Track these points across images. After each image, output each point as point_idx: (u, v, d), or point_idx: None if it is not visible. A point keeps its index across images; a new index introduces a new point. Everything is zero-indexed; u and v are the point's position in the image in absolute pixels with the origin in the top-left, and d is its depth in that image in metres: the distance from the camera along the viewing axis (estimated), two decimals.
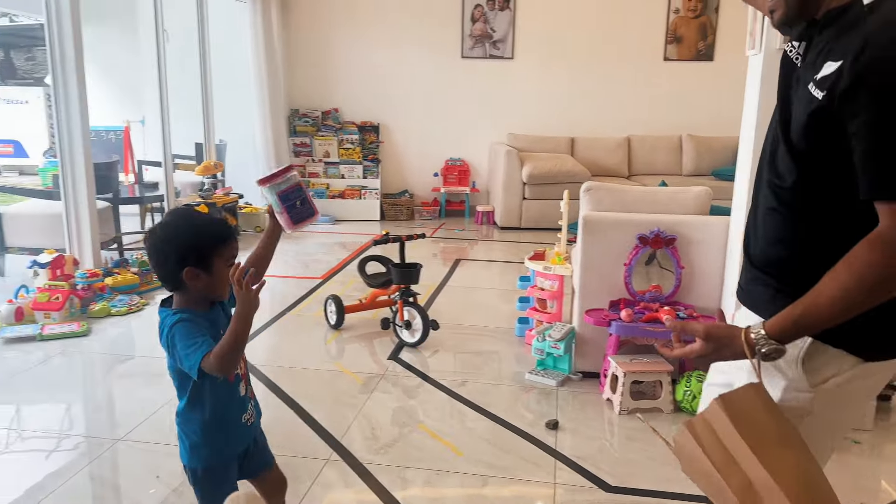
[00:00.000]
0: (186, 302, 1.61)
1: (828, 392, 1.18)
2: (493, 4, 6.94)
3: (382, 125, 7.28)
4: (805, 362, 1.17)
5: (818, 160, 1.14)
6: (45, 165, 6.03)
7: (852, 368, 1.17)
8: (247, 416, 1.72)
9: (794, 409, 1.19)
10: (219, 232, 1.60)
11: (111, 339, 3.67)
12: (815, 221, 1.17)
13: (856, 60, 1.02)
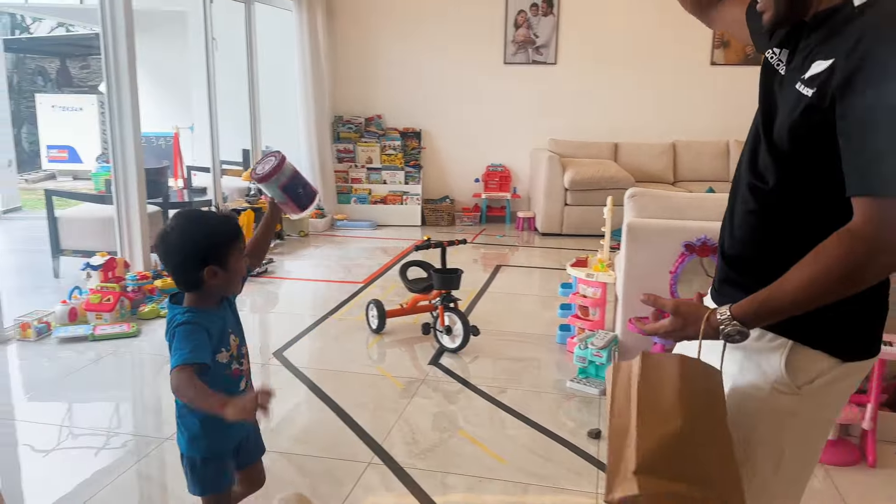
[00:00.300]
0: (197, 300, 1.64)
1: (814, 392, 1.20)
2: (537, 10, 6.92)
3: (424, 131, 7.32)
4: (788, 364, 1.19)
5: (799, 161, 1.15)
6: (97, 170, 6.24)
7: (833, 370, 1.19)
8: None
9: (779, 410, 1.21)
10: (231, 229, 1.65)
11: (160, 340, 3.76)
12: (792, 223, 1.19)
13: (848, 59, 1.04)
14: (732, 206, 1.31)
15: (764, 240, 1.23)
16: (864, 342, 1.21)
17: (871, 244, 1.04)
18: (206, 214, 1.69)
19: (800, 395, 1.20)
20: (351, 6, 7.15)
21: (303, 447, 2.64)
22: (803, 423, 1.23)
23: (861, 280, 1.08)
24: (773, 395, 1.21)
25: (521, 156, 7.25)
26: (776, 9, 1.15)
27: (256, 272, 5.00)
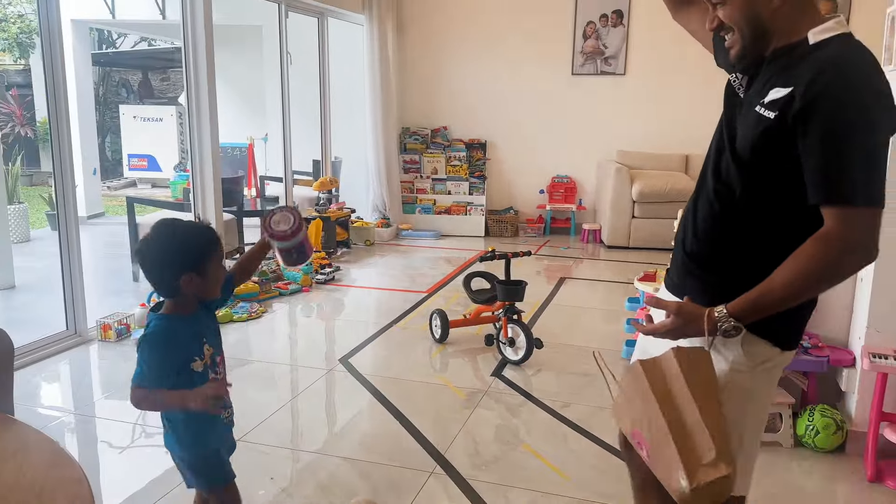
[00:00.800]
0: (176, 306, 1.67)
1: (762, 374, 1.40)
2: (606, 21, 6.86)
3: (490, 142, 7.34)
4: (743, 346, 1.35)
5: (760, 171, 1.33)
6: (175, 179, 6.52)
7: (775, 357, 1.38)
8: (226, 414, 1.79)
9: (740, 389, 1.38)
10: (209, 237, 1.67)
11: (231, 344, 3.88)
12: (752, 226, 1.36)
13: (808, 88, 1.21)
14: (695, 206, 1.48)
15: (726, 240, 1.40)
16: (796, 334, 1.42)
17: (843, 246, 1.22)
18: (184, 223, 1.70)
19: (753, 374, 1.38)
20: (420, 19, 7.25)
21: (366, 453, 2.68)
22: (756, 403, 1.43)
23: (838, 277, 1.27)
24: (732, 374, 1.37)
25: (587, 167, 7.18)
26: (742, 46, 1.34)
27: (324, 280, 5.11)
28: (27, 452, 1.12)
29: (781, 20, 1.31)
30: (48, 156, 10.68)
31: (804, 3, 1.31)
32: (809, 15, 1.31)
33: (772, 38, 1.33)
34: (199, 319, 1.70)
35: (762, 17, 1.31)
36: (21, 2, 10.62)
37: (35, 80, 11.02)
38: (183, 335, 1.65)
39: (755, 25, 1.32)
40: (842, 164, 1.21)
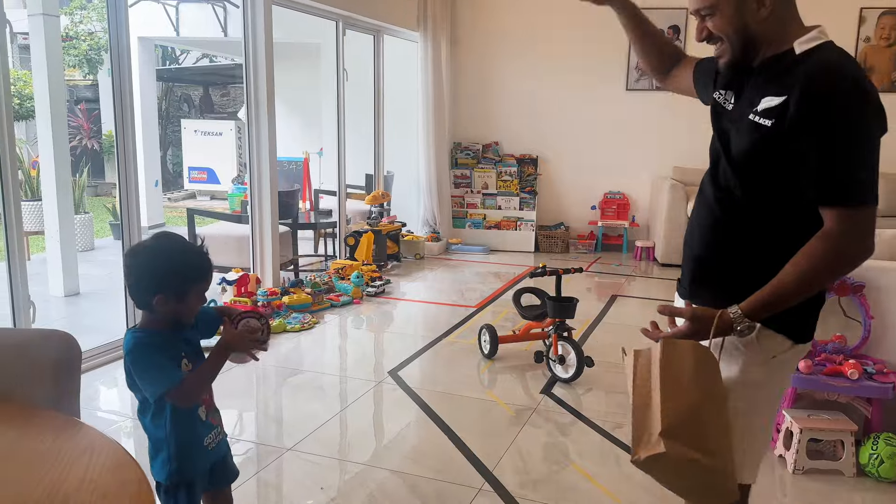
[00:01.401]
0: (150, 322, 1.62)
1: (775, 366, 1.46)
2: None
3: (541, 158, 7.32)
4: (758, 342, 1.42)
5: (759, 174, 1.41)
6: (232, 191, 6.68)
7: (789, 350, 1.45)
8: (208, 441, 1.70)
9: (751, 381, 1.46)
10: (199, 267, 1.61)
11: (284, 354, 3.95)
12: (755, 229, 1.43)
13: (802, 95, 1.29)
14: (699, 216, 1.57)
15: (730, 244, 1.48)
16: (810, 328, 1.48)
17: (845, 243, 1.31)
18: (181, 244, 1.64)
19: (767, 367, 1.45)
20: (473, 36, 7.31)
21: (414, 467, 2.68)
22: (768, 394, 1.50)
23: (841, 271, 1.37)
24: (745, 368, 1.44)
25: (640, 183, 7.08)
26: (732, 55, 1.42)
27: (374, 292, 5.16)
28: (93, 454, 1.16)
29: (768, 31, 1.38)
30: (113, 167, 11.11)
31: (789, 15, 1.39)
32: (794, 26, 1.38)
33: (760, 47, 1.40)
34: (180, 337, 1.66)
35: (750, 28, 1.38)
36: (91, 20, 11.10)
37: (102, 95, 11.50)
38: (164, 345, 1.60)
39: (743, 35, 1.39)
40: (838, 168, 1.29)
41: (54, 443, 1.21)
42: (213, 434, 1.72)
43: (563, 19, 7.00)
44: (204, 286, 1.63)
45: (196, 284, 1.61)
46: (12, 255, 3.25)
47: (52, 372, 1.39)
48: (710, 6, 1.40)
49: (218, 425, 1.74)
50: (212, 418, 1.72)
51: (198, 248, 1.66)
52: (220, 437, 1.75)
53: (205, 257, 1.65)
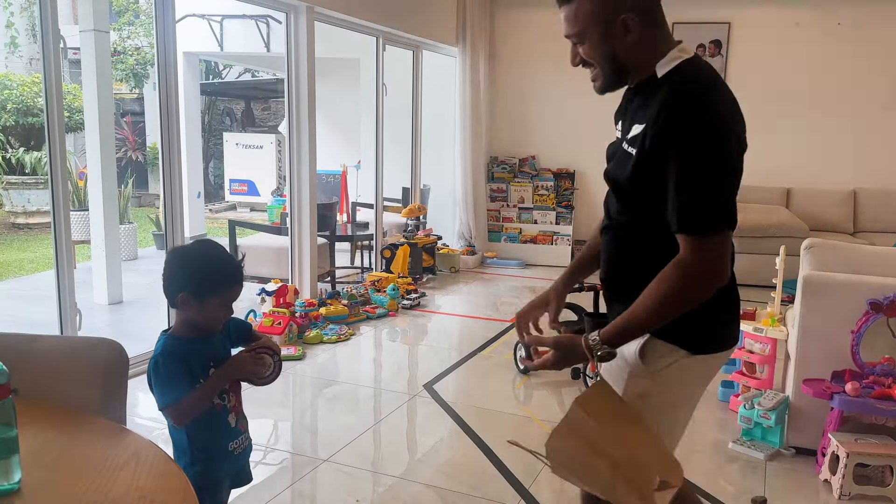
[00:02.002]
0: (181, 326, 1.66)
1: (665, 376, 1.45)
2: (704, 51, 6.71)
3: (578, 172, 7.27)
4: (642, 352, 1.44)
5: (639, 200, 1.44)
6: (272, 203, 6.78)
7: (684, 359, 1.44)
8: (234, 445, 1.72)
9: (636, 392, 1.47)
10: (225, 275, 1.63)
11: (321, 365, 3.98)
12: (642, 249, 1.46)
13: (654, 124, 1.32)
14: (603, 241, 1.61)
15: (626, 265, 1.52)
16: (712, 338, 1.49)
17: (696, 272, 1.33)
18: (217, 252, 1.67)
19: (652, 379, 1.45)
20: (511, 50, 7.32)
21: (448, 481, 2.67)
22: (659, 404, 1.48)
23: (694, 299, 1.36)
24: (631, 379, 1.47)
25: None
26: (603, 80, 1.47)
27: (410, 305, 5.17)
28: (139, 461, 1.18)
29: (637, 56, 1.40)
30: (156, 179, 11.39)
31: (658, 39, 1.39)
32: (664, 48, 1.39)
33: (630, 72, 1.44)
34: (208, 344, 1.68)
35: (617, 55, 1.40)
36: (138, 35, 11.43)
37: (147, 108, 11.82)
38: (187, 356, 1.63)
39: (612, 61, 1.42)
40: (688, 197, 1.31)
41: (103, 449, 1.23)
42: (240, 440, 1.74)
43: None
44: (227, 296, 1.64)
45: (218, 292, 1.62)
46: (61, 263, 3.34)
47: (101, 379, 1.42)
48: (579, 33, 1.42)
49: (245, 431, 1.77)
50: (240, 424, 1.75)
51: (232, 259, 1.69)
52: (246, 442, 1.77)
53: (235, 269, 1.66)
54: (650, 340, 1.44)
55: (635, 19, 1.37)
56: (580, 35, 1.43)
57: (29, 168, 8.60)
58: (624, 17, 1.36)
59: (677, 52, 1.39)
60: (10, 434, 1.09)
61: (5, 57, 10.53)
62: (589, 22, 1.40)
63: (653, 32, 1.40)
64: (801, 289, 2.85)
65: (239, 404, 1.75)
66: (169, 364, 1.59)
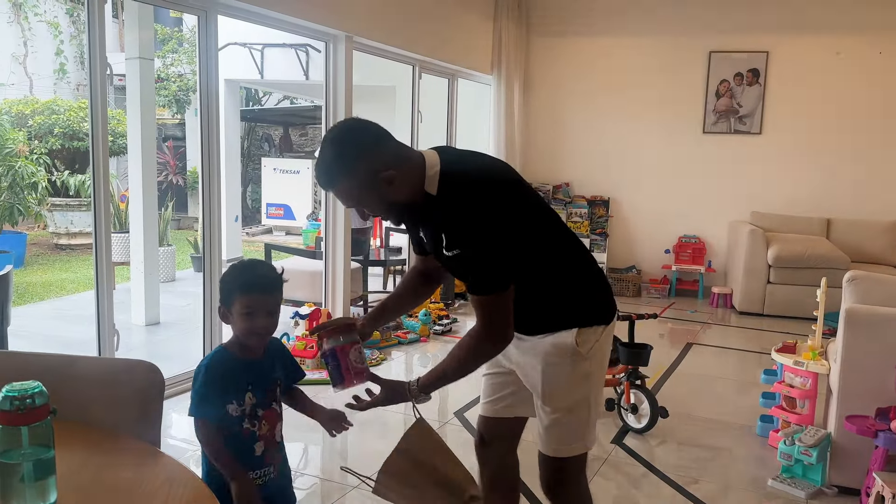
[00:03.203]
0: (231, 343, 1.72)
1: (595, 352, 1.77)
2: (741, 80, 6.65)
3: (613, 199, 7.23)
4: (578, 344, 1.73)
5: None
6: (307, 227, 6.86)
7: (602, 332, 1.78)
8: (255, 475, 1.69)
9: (582, 374, 1.77)
10: (243, 281, 1.68)
11: (351, 389, 3.96)
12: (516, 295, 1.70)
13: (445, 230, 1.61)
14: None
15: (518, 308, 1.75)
16: (611, 307, 1.84)
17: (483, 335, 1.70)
18: (243, 263, 1.76)
19: (588, 359, 1.76)
20: (546, 78, 7.35)
21: None
22: (596, 378, 1.81)
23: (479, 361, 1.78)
24: (573, 365, 1.75)
25: (717, 228, 6.89)
26: (394, 220, 1.75)
27: (441, 331, 5.15)
28: (172, 485, 1.19)
29: (408, 192, 1.64)
30: (195, 202, 11.62)
31: (411, 167, 1.63)
32: (418, 173, 1.64)
33: (405, 201, 1.65)
34: (252, 367, 1.69)
35: (390, 198, 1.63)
36: (181, 62, 11.76)
37: (188, 133, 12.11)
38: (228, 372, 1.65)
39: (388, 204, 1.66)
40: (472, 270, 1.62)
41: (137, 471, 1.24)
42: (264, 472, 1.72)
43: (639, 63, 6.97)
44: (244, 301, 1.65)
45: (235, 296, 1.65)
46: (101, 284, 3.42)
47: (137, 401, 1.44)
48: (356, 204, 1.66)
49: (271, 465, 1.74)
50: (268, 457, 1.73)
51: (258, 268, 1.74)
52: (271, 477, 1.74)
53: (254, 276, 1.70)
54: (580, 331, 1.73)
55: (391, 171, 1.59)
56: (358, 204, 1.66)
57: (73, 190, 8.85)
58: (382, 175, 1.58)
59: (430, 171, 1.63)
60: (48, 455, 1.10)
61: (54, 83, 10.90)
62: (358, 193, 1.62)
63: (406, 169, 1.62)
64: (843, 322, 2.77)
65: (272, 435, 1.74)
66: (207, 377, 1.64)
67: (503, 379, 1.97)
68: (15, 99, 9.40)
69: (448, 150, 1.73)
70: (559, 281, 1.76)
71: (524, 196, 1.72)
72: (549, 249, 1.74)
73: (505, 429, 2.03)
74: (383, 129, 1.66)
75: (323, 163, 1.62)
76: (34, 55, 10.85)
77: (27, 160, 7.33)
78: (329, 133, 1.65)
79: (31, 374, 1.17)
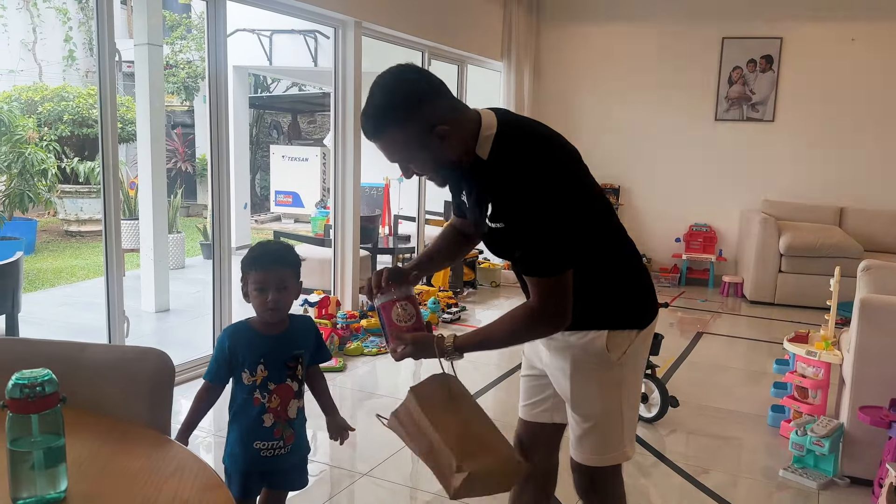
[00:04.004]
0: (254, 318, 1.80)
1: (628, 358, 1.64)
2: (754, 66, 6.58)
3: (623, 188, 7.18)
4: (609, 349, 1.61)
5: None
6: (316, 215, 6.85)
7: (637, 337, 1.65)
8: (260, 446, 1.77)
9: (613, 382, 1.65)
10: (253, 258, 1.76)
11: (361, 377, 3.98)
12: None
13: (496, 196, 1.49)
14: None
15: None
16: (649, 309, 1.70)
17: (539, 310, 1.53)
18: (262, 246, 1.82)
19: (621, 365, 1.64)
20: (556, 64, 7.29)
21: (490, 500, 2.62)
22: (629, 384, 1.69)
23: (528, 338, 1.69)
24: (604, 373, 1.64)
25: (728, 216, 6.84)
26: (440, 181, 1.62)
27: (450, 319, 5.15)
28: (183, 473, 1.18)
29: (458, 153, 1.52)
30: (204, 189, 11.63)
31: (466, 126, 1.51)
32: (472, 133, 1.51)
33: (455, 163, 1.54)
34: (268, 342, 1.77)
35: (442, 160, 1.52)
36: (190, 49, 11.73)
37: (197, 120, 12.11)
38: (245, 342, 1.76)
39: (440, 166, 1.55)
40: (528, 247, 1.48)
41: (148, 460, 1.23)
42: (272, 444, 1.79)
43: (650, 49, 6.90)
44: (254, 276, 1.74)
45: (250, 271, 1.75)
46: (111, 271, 3.42)
47: (148, 389, 1.43)
48: (401, 159, 1.53)
49: (281, 439, 1.80)
50: (277, 430, 1.79)
51: (272, 246, 1.82)
52: (281, 451, 1.81)
53: (265, 254, 1.78)
54: (611, 334, 1.61)
55: (445, 127, 1.46)
56: (405, 159, 1.53)
57: (83, 177, 8.87)
58: (435, 129, 1.45)
59: (485, 132, 1.51)
60: (59, 443, 1.10)
61: (63, 70, 10.91)
62: (406, 148, 1.49)
63: (461, 126, 1.50)
64: (857, 312, 2.74)
65: (283, 410, 1.79)
66: (218, 341, 1.78)
67: (539, 382, 1.84)
68: (24, 85, 9.41)
69: (507, 114, 1.59)
70: (598, 274, 1.59)
71: (581, 176, 1.59)
72: (595, 238, 1.58)
73: (543, 434, 1.90)
74: (439, 80, 1.52)
75: (371, 109, 1.48)
76: (43, 42, 10.85)
77: (37, 147, 7.34)
78: (381, 77, 1.50)
79: (41, 362, 1.17)
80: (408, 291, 1.70)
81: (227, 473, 1.82)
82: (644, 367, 1.77)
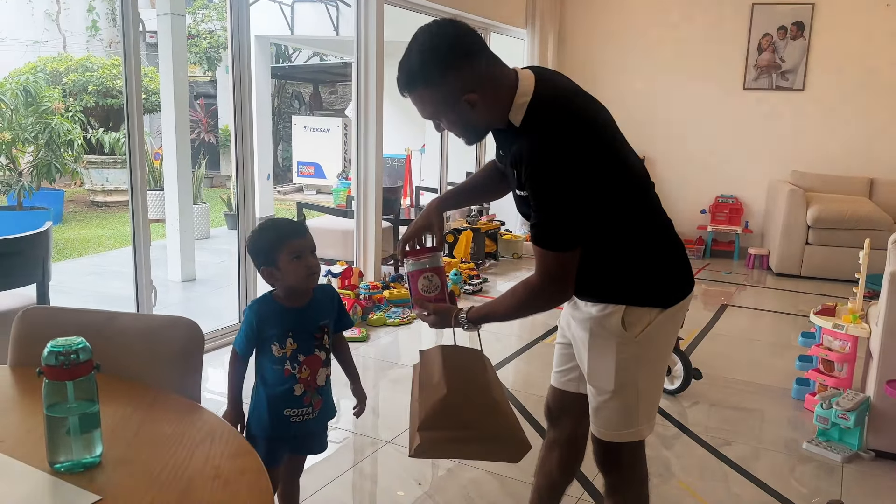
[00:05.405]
0: (279, 291, 1.78)
1: (648, 335, 1.60)
2: (785, 34, 6.41)
3: (648, 158, 7.08)
4: (624, 322, 1.58)
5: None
6: (337, 186, 6.86)
7: (659, 316, 1.59)
8: (290, 412, 1.79)
9: (628, 358, 1.61)
10: (280, 229, 1.75)
11: (383, 347, 4.01)
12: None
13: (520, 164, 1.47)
14: None
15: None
16: (678, 289, 1.64)
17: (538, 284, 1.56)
18: (267, 222, 1.81)
19: (638, 342, 1.60)
20: (581, 33, 7.17)
21: (509, 469, 2.64)
22: (648, 362, 1.64)
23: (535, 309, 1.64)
24: (619, 348, 1.60)
25: (755, 187, 6.73)
26: (467, 140, 1.62)
27: (472, 290, 5.16)
28: (214, 440, 1.21)
29: (488, 117, 1.53)
30: (228, 160, 11.69)
31: (501, 93, 1.49)
32: (507, 98, 1.50)
33: (486, 126, 1.57)
34: (294, 315, 1.77)
35: (469, 120, 1.52)
36: (212, 19, 11.69)
37: (220, 91, 12.12)
38: (272, 316, 1.75)
39: (466, 125, 1.54)
40: (538, 219, 1.49)
41: (179, 426, 1.26)
42: (300, 411, 1.81)
43: (677, 17, 6.75)
44: (290, 247, 1.71)
45: (279, 247, 1.71)
46: (137, 241, 3.47)
47: (178, 357, 1.46)
48: (431, 115, 1.54)
49: (310, 406, 1.83)
50: (307, 398, 1.81)
51: (284, 219, 1.82)
52: (309, 416, 1.83)
53: (289, 223, 1.80)
54: (628, 310, 1.58)
55: (474, 95, 1.46)
56: (433, 116, 1.55)
57: (108, 148, 8.95)
58: (465, 98, 1.46)
59: (519, 100, 1.49)
60: (93, 409, 1.12)
61: (87, 40, 10.95)
62: (434, 107, 1.51)
63: (494, 93, 1.49)
64: (887, 285, 2.70)
65: (313, 379, 1.82)
66: (246, 316, 1.78)
67: (569, 351, 1.82)
68: (49, 56, 9.47)
69: (545, 80, 1.55)
70: (623, 248, 1.56)
71: (614, 150, 1.56)
72: (622, 212, 1.55)
73: (568, 402, 1.89)
74: (479, 41, 1.50)
75: (407, 63, 1.49)
76: (67, 12, 10.88)
77: (63, 118, 7.41)
78: (421, 33, 1.50)
79: (73, 330, 1.19)
80: (436, 262, 1.75)
81: (252, 437, 1.85)
82: (671, 346, 1.72)
